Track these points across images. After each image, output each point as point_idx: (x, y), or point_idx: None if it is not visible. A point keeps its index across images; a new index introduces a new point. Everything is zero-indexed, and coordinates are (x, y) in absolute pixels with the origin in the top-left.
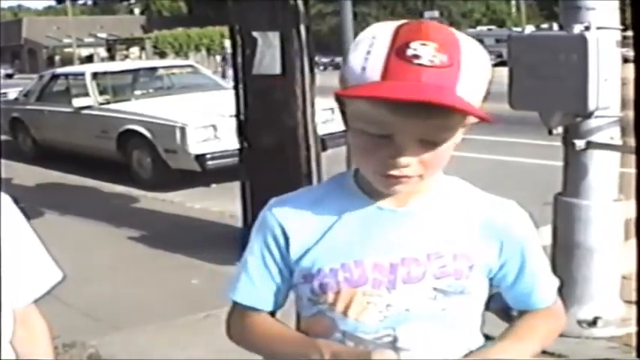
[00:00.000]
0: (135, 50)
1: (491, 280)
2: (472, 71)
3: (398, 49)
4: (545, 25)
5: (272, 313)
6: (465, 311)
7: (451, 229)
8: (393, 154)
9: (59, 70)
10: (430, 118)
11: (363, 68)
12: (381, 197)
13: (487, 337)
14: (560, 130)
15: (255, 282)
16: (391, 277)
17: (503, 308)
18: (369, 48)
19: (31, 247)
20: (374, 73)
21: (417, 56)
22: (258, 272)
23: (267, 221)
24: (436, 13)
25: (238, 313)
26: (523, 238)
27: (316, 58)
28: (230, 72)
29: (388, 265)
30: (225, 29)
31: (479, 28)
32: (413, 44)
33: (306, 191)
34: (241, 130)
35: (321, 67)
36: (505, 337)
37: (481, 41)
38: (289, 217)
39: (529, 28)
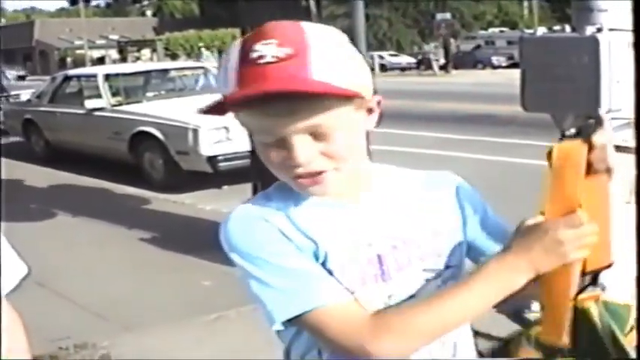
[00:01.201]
0: (146, 52)
1: (469, 245)
2: (324, 53)
3: (244, 56)
4: (557, 27)
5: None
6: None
7: (412, 211)
8: (291, 156)
9: (71, 72)
10: (298, 110)
11: (225, 84)
12: (332, 196)
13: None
14: (572, 132)
15: (316, 274)
16: (383, 268)
17: (515, 311)
18: (225, 64)
19: None
20: (232, 85)
21: (261, 56)
22: (313, 268)
23: (257, 216)
24: (448, 15)
25: (319, 319)
26: (471, 192)
27: None
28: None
29: (376, 256)
30: (237, 31)
31: (491, 30)
32: (256, 46)
33: (262, 198)
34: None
35: None
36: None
37: (493, 43)
38: (294, 212)
39: (541, 30)
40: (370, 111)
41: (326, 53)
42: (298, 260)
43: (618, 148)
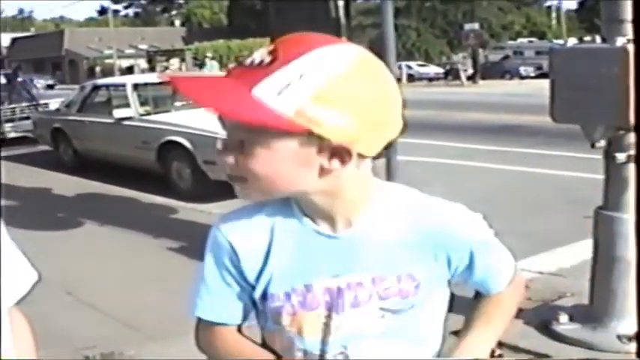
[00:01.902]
0: (175, 61)
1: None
2: (290, 78)
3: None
4: (587, 38)
5: (238, 327)
6: (417, 323)
7: (393, 250)
8: (218, 153)
9: (100, 81)
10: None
11: None
12: (320, 220)
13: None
14: (602, 143)
15: (216, 296)
16: (339, 301)
17: (542, 323)
18: None
19: (9, 250)
20: None
21: (249, 56)
22: (218, 287)
23: (217, 240)
24: (476, 25)
25: (203, 327)
26: (469, 243)
27: None
28: None
29: (336, 288)
30: (266, 41)
31: (519, 40)
32: (261, 48)
33: (251, 209)
34: None
35: None
36: (471, 327)
37: (521, 53)
38: (237, 237)
39: (571, 41)
40: (335, 154)
41: (296, 78)
42: (212, 275)
43: None
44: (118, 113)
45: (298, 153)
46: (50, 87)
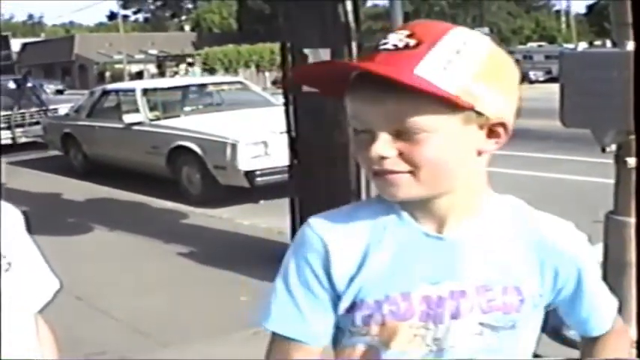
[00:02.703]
0: (184, 66)
1: (547, 306)
2: (449, 54)
3: (377, 43)
4: (598, 42)
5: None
6: (514, 346)
7: (502, 260)
8: (368, 148)
9: (110, 87)
10: (383, 99)
11: None
12: (426, 220)
13: (536, 356)
14: (613, 147)
15: (301, 311)
16: (439, 311)
17: (553, 328)
18: None
19: (34, 258)
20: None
21: (384, 42)
22: (303, 299)
23: (308, 239)
24: (485, 30)
25: (280, 344)
26: (579, 264)
27: None
28: None
29: (436, 297)
30: (275, 46)
31: (529, 44)
32: (389, 35)
33: (349, 210)
34: (292, 147)
35: None
36: None
37: (531, 57)
38: (333, 237)
39: (582, 45)
40: (492, 133)
41: (453, 55)
42: (297, 282)
43: None
44: (128, 118)
45: (462, 132)
46: (60, 92)
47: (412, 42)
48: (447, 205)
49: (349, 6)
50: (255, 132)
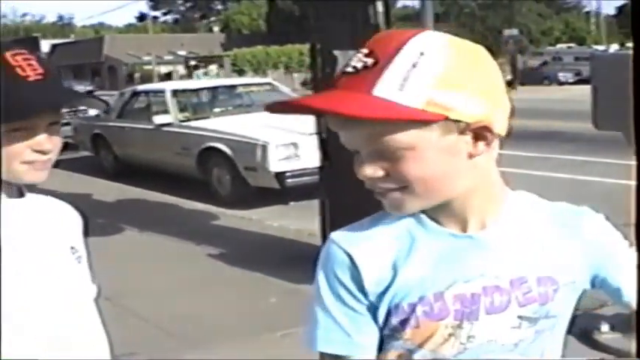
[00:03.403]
0: (213, 68)
1: (584, 291)
2: (405, 72)
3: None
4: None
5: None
6: (550, 335)
7: (531, 251)
8: (359, 169)
9: (140, 88)
10: (351, 127)
11: None
12: (449, 222)
13: None
14: None
15: (343, 327)
16: (474, 308)
17: (583, 332)
18: None
19: (85, 262)
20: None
21: (347, 65)
22: (342, 315)
23: (334, 256)
24: (515, 31)
25: None
26: (606, 243)
27: None
28: None
29: (470, 295)
30: (304, 47)
31: (558, 45)
32: (356, 54)
33: (371, 221)
34: (322, 148)
35: None
36: None
37: (560, 59)
38: (358, 251)
39: (613, 47)
40: (477, 136)
41: (410, 69)
42: (331, 300)
43: None
44: (158, 119)
45: (443, 143)
46: (89, 93)
47: (370, 61)
48: (465, 206)
49: (380, 7)
50: (286, 133)
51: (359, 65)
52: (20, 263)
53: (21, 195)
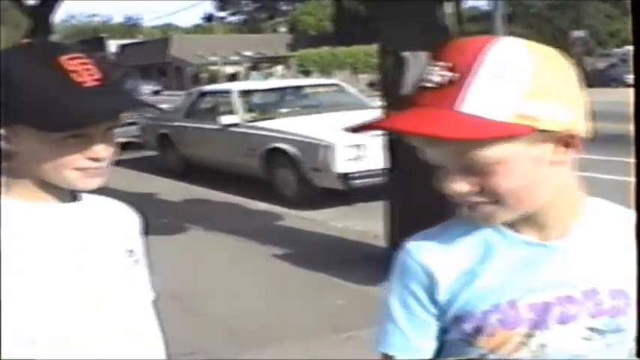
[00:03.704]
0: (279, 68)
1: None
2: (492, 85)
3: (422, 74)
4: None
5: None
6: (620, 348)
7: (607, 262)
8: (447, 185)
9: (206, 88)
10: (437, 144)
11: None
12: (526, 229)
13: None
14: None
15: (405, 332)
16: (545, 317)
17: None
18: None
19: (143, 264)
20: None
21: (424, 79)
22: (406, 321)
23: (408, 267)
24: (582, 33)
25: None
26: None
27: None
28: None
29: (543, 304)
30: (371, 48)
31: (626, 47)
32: (429, 66)
33: (444, 228)
34: (390, 150)
35: None
36: None
37: (627, 61)
38: (433, 260)
39: None
40: (562, 143)
41: (496, 81)
42: (400, 308)
43: None
44: (224, 120)
45: (530, 153)
46: (156, 93)
47: (450, 75)
48: (546, 214)
49: (450, 8)
50: (352, 135)
51: (439, 79)
52: (75, 269)
53: (74, 199)
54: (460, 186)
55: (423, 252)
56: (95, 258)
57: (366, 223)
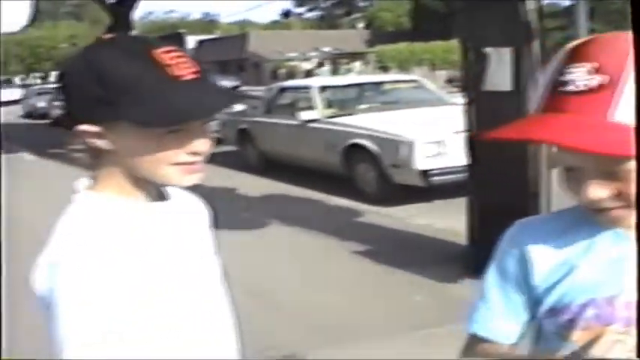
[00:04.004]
0: (357, 64)
1: None
2: None
3: (556, 75)
4: None
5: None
6: None
7: None
8: (585, 190)
9: (286, 84)
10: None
11: (535, 100)
12: (629, 229)
13: None
14: None
15: (494, 312)
16: None
17: None
18: (543, 74)
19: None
20: (536, 105)
21: (566, 82)
22: (497, 301)
23: (509, 248)
24: None
25: (475, 344)
26: None
27: None
28: None
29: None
30: (449, 44)
31: None
32: (568, 68)
33: (552, 217)
34: (470, 147)
35: None
36: None
37: None
38: (533, 246)
39: None
40: None
41: None
42: (494, 288)
43: None
44: (304, 115)
45: None
46: (235, 88)
47: (600, 78)
48: None
49: (531, 4)
50: (431, 131)
51: (588, 83)
52: (163, 265)
53: (161, 196)
54: (599, 191)
55: (524, 236)
56: (182, 254)
57: (445, 221)
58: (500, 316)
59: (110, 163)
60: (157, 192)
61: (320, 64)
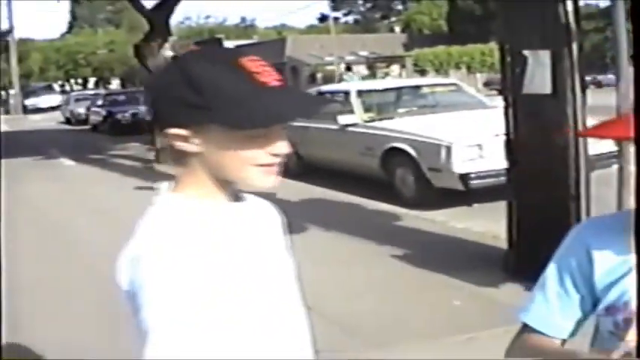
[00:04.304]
0: (395, 68)
1: None
2: None
3: None
4: None
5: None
6: None
7: None
8: None
9: (324, 88)
10: None
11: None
12: None
13: None
14: None
15: (551, 306)
16: None
17: None
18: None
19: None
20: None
21: None
22: (555, 296)
23: (573, 244)
24: None
25: (528, 335)
26: None
27: None
28: None
29: None
30: (486, 47)
31: None
32: None
33: (619, 216)
34: (509, 150)
35: None
36: None
37: None
38: (598, 243)
39: None
40: None
41: None
42: (553, 282)
43: None
44: (343, 119)
45: None
46: None
47: None
48: None
49: (570, 6)
50: (470, 134)
51: None
52: (243, 265)
53: (238, 199)
54: None
55: (589, 233)
56: (259, 254)
57: (485, 224)
58: (557, 311)
59: (194, 165)
60: (234, 194)
61: (348, 68)
